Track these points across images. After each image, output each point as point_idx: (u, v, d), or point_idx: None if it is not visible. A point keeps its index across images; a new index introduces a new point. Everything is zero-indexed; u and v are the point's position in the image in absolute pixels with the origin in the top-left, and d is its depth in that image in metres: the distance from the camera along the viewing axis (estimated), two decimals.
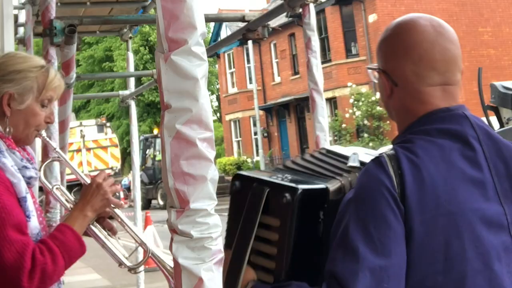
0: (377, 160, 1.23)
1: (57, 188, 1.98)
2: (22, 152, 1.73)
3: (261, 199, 1.36)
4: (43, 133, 1.84)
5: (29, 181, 1.67)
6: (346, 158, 1.48)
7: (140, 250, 2.01)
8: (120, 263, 1.94)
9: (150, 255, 1.91)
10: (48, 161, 2.16)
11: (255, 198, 1.37)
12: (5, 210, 1.52)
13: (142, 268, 1.96)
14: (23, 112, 1.70)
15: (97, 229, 1.85)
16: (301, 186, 1.33)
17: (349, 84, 22.60)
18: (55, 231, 1.67)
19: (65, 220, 1.75)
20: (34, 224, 1.62)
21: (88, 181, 1.88)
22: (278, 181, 1.39)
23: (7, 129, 1.68)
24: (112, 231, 1.91)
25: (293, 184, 1.35)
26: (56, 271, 1.57)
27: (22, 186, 1.62)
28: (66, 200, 1.95)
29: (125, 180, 25.78)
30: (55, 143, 2.13)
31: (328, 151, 1.57)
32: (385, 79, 1.35)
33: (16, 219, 1.54)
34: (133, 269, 1.94)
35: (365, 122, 22.15)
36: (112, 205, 1.86)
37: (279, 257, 1.33)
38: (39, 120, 1.74)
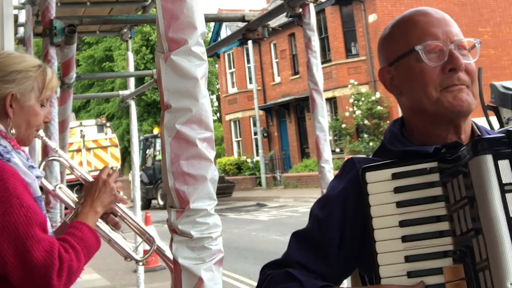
0: None
1: (59, 188, 1.99)
2: (25, 152, 1.74)
3: None
4: (41, 133, 1.84)
5: (37, 180, 1.67)
6: None
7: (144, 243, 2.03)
8: (127, 257, 1.96)
9: (155, 248, 1.94)
10: (48, 159, 2.16)
11: None
12: (31, 210, 1.52)
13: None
14: (25, 113, 1.70)
15: (101, 225, 1.87)
16: None
17: (351, 81, 22.59)
18: (71, 229, 1.68)
19: (77, 217, 1.76)
20: (49, 223, 1.63)
21: (91, 178, 1.90)
22: None
23: (11, 131, 1.67)
24: (116, 226, 1.93)
25: None
26: (79, 268, 1.59)
27: (37, 186, 1.63)
28: (70, 199, 1.96)
29: None
30: (54, 143, 2.13)
31: None
32: None
33: (40, 218, 1.55)
34: (140, 261, 1.97)
35: (365, 122, 22.15)
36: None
37: None
38: (39, 120, 1.75)
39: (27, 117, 1.71)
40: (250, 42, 23.40)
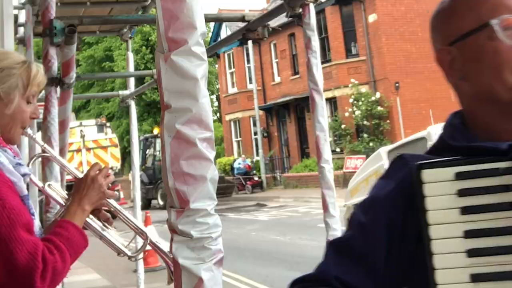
0: None
1: (48, 185, 1.97)
2: (13, 149, 1.71)
3: None
4: (29, 130, 1.82)
5: (24, 178, 1.65)
6: None
7: (139, 238, 2.01)
8: (119, 252, 1.94)
9: (148, 242, 1.92)
10: (36, 156, 2.15)
11: None
12: (14, 211, 1.50)
13: (141, 255, 1.96)
14: (10, 111, 1.66)
15: (92, 221, 1.85)
16: None
17: (352, 80, 22.60)
18: (57, 228, 1.65)
19: (64, 216, 1.73)
20: (37, 222, 1.61)
21: (81, 175, 1.88)
22: None
23: None
24: (108, 222, 1.91)
25: None
26: (65, 268, 1.57)
27: (23, 185, 1.61)
28: (60, 197, 1.95)
29: (239, 162, 26.54)
30: (41, 141, 2.12)
31: None
32: None
33: (25, 219, 1.53)
34: (133, 257, 1.95)
35: (365, 122, 22.16)
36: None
37: None
38: (25, 117, 1.71)
39: (13, 115, 1.67)
40: (250, 42, 23.38)
